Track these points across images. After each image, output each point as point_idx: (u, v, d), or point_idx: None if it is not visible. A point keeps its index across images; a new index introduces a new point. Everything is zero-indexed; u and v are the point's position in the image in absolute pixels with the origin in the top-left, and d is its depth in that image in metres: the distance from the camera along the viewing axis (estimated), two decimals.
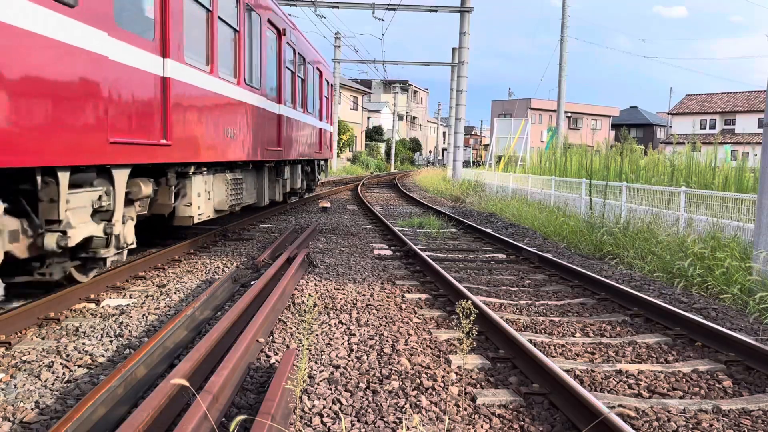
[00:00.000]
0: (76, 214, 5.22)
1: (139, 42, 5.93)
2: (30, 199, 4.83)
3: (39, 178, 4.78)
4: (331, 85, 20.25)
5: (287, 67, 12.67)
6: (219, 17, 8.10)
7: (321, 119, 17.64)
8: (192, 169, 7.91)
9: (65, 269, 5.58)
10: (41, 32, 4.35)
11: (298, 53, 13.89)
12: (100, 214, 5.71)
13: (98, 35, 5.09)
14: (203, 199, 8.36)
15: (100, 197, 5.61)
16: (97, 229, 5.57)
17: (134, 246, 6.46)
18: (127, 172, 6.11)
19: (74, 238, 5.13)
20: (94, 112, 5.06)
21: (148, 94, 6.14)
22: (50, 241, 4.91)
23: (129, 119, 5.73)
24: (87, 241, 5.50)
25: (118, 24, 5.42)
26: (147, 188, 6.74)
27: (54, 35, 4.50)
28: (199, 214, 8.19)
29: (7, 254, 4.54)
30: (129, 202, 6.37)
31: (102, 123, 5.19)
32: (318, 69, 16.84)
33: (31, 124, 4.30)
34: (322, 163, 20.11)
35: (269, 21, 10.96)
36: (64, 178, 4.92)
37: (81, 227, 5.27)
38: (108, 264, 6.02)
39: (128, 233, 6.25)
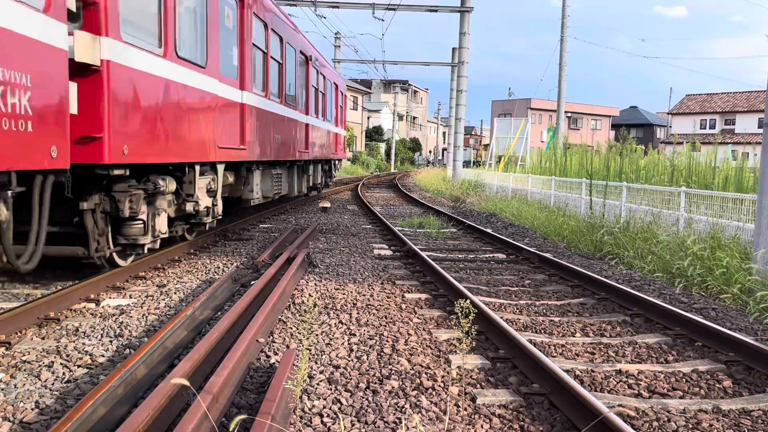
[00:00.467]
0: (201, 192, 8.19)
1: (231, 82, 8.90)
2: (178, 181, 7.66)
3: (187, 169, 7.75)
4: (345, 95, 24.09)
5: (312, 85, 15.75)
6: (271, 56, 11.20)
7: (336, 125, 20.71)
8: (254, 166, 10.84)
9: (183, 229, 8.72)
10: (194, 85, 7.48)
11: (320, 73, 17.01)
12: (209, 193, 8.60)
13: (214, 82, 8.12)
14: (259, 187, 11.39)
15: (209, 182, 8.58)
16: (209, 203, 8.57)
17: (221, 217, 9.36)
18: (223, 166, 9.09)
19: (201, 206, 8.18)
20: (212, 129, 8.13)
21: (234, 114, 9.14)
22: (189, 207, 7.93)
23: (225, 132, 8.70)
24: (197, 212, 8.18)
25: (222, 73, 8.43)
26: (230, 178, 10.02)
27: (200, 86, 7.65)
28: (257, 198, 11.27)
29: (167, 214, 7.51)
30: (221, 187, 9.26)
31: (214, 135, 8.23)
32: (334, 83, 20.09)
33: (189, 139, 7.42)
34: (336, 162, 23.26)
35: (301, 51, 14.18)
36: (198, 169, 7.96)
37: (203, 200, 8.29)
38: (206, 227, 9.21)
39: (220, 207, 9.14)
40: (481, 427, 3.52)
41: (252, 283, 6.61)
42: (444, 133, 77.48)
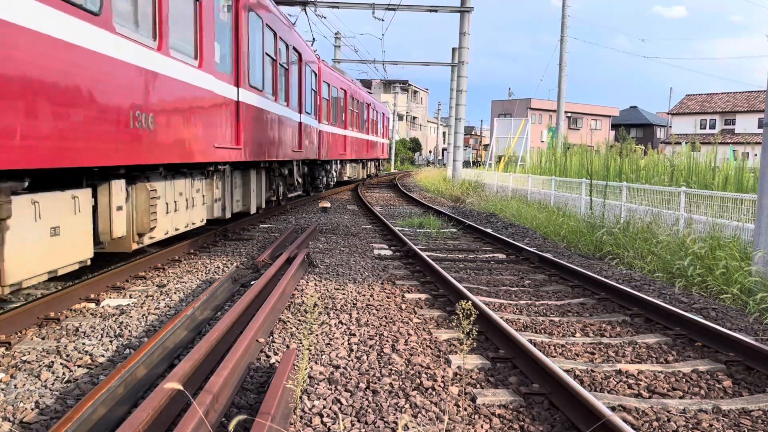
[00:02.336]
0: (334, 171, 22.28)
1: (339, 125, 21.35)
2: (329, 166, 21.66)
3: (334, 161, 22.27)
4: (388, 118, 40.63)
5: (371, 118, 29.93)
6: (356, 112, 25.05)
7: (383, 137, 35.99)
8: (348, 161, 24.96)
9: (324, 186, 20.79)
10: (336, 132, 21.08)
11: (374, 109, 31.08)
12: (335, 173, 22.37)
13: (339, 129, 20.97)
14: (348, 172, 25.23)
15: (336, 167, 22.34)
16: (335, 177, 22.39)
17: (334, 183, 22.88)
18: (338, 161, 22.73)
19: (332, 177, 21.72)
20: (339, 146, 21.54)
21: (342, 139, 21.63)
22: (328, 177, 21.00)
23: (340, 146, 21.50)
24: (332, 180, 21.57)
25: (339, 123, 21.19)
26: (340, 166, 23.55)
27: (336, 132, 20.84)
28: (347, 177, 25.17)
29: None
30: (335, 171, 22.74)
31: (339, 148, 21.17)
32: (383, 113, 35.49)
33: (333, 150, 20.17)
34: (382, 160, 39.96)
35: (367, 103, 27.87)
36: (332, 161, 21.65)
37: (334, 175, 22.37)
38: (331, 187, 22.35)
39: (334, 180, 22.30)
40: (481, 427, 3.52)
41: (252, 283, 6.61)
42: (444, 133, 77.46)
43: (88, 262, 5.56)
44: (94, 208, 5.73)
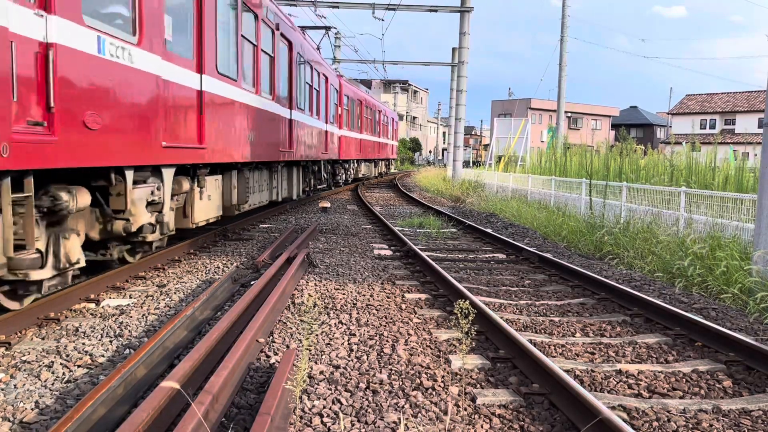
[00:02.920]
0: (352, 169, 27.17)
1: (349, 129, 23.72)
2: (348, 164, 25.83)
3: (351, 160, 26.50)
4: (397, 122, 44.62)
5: (382, 122, 33.55)
6: (369, 118, 28.99)
7: (393, 139, 41.39)
8: (362, 161, 29.50)
9: (339, 182, 24.85)
10: (352, 136, 25.39)
11: (385, 114, 35.40)
12: (353, 170, 27.32)
13: (358, 134, 26.47)
14: (362, 169, 30.23)
15: (353, 166, 27.18)
16: (353, 173, 27.62)
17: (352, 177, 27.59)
18: (355, 160, 27.19)
19: (351, 172, 27.29)
20: (352, 147, 24.51)
21: (357, 142, 25.77)
22: (344, 174, 25.11)
23: (357, 148, 25.69)
24: (351, 176, 27.00)
25: (354, 128, 25.35)
26: (356, 165, 28.52)
27: (353, 136, 25.20)
28: (362, 174, 30.44)
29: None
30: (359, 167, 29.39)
31: (353, 149, 24.77)
32: (393, 118, 40.56)
33: (348, 151, 23.43)
34: (392, 160, 45.00)
35: (378, 109, 32.47)
36: (351, 160, 26.46)
37: (352, 172, 27.72)
38: (344, 184, 26.31)
39: (352, 176, 27.21)
40: (481, 427, 3.52)
41: (252, 283, 6.61)
42: (444, 133, 77.48)
43: (220, 218, 9.53)
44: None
